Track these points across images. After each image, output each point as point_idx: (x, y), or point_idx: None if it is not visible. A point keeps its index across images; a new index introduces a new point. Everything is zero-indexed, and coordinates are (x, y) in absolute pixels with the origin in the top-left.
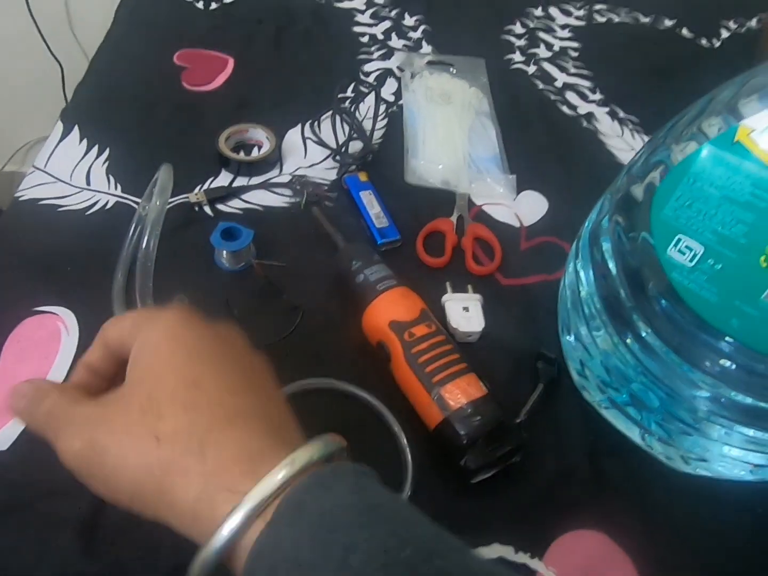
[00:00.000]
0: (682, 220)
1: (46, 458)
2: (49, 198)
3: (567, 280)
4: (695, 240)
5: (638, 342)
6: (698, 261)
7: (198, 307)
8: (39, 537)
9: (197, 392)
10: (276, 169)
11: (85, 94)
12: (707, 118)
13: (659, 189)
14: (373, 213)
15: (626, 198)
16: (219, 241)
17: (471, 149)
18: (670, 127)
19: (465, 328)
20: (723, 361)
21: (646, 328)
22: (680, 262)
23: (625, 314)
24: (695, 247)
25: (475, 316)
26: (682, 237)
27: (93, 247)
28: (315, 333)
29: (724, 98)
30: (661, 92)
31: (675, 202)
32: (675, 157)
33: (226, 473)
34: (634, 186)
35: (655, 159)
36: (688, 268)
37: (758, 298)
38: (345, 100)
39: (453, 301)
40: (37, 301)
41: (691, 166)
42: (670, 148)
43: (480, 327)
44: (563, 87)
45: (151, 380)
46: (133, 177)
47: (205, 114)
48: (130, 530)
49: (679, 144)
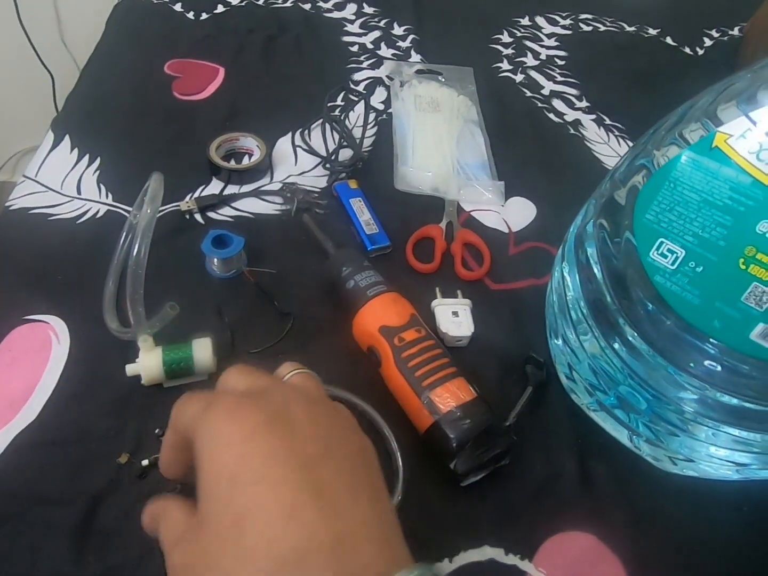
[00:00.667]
0: (664, 224)
1: (38, 466)
2: (40, 207)
3: (554, 284)
4: (676, 243)
5: (624, 345)
6: (680, 264)
7: (189, 314)
8: (31, 545)
9: (291, 511)
10: (267, 177)
11: (76, 104)
12: (687, 124)
13: (641, 193)
14: (363, 220)
15: (610, 202)
16: (210, 248)
17: (460, 156)
18: (652, 133)
19: (454, 333)
20: (708, 363)
21: (632, 332)
22: (663, 265)
23: (610, 318)
24: (677, 250)
25: (464, 320)
26: (663, 240)
27: (84, 255)
28: (306, 339)
29: (703, 104)
30: (646, 99)
31: (657, 206)
32: (657, 162)
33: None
34: (618, 191)
35: (638, 164)
36: (671, 270)
37: (738, 299)
38: (335, 109)
39: (442, 306)
40: (27, 310)
41: (671, 171)
42: (652, 153)
43: (469, 332)
44: (550, 94)
45: (225, 499)
46: (124, 186)
47: (196, 123)
48: (122, 537)
49: (660, 149)
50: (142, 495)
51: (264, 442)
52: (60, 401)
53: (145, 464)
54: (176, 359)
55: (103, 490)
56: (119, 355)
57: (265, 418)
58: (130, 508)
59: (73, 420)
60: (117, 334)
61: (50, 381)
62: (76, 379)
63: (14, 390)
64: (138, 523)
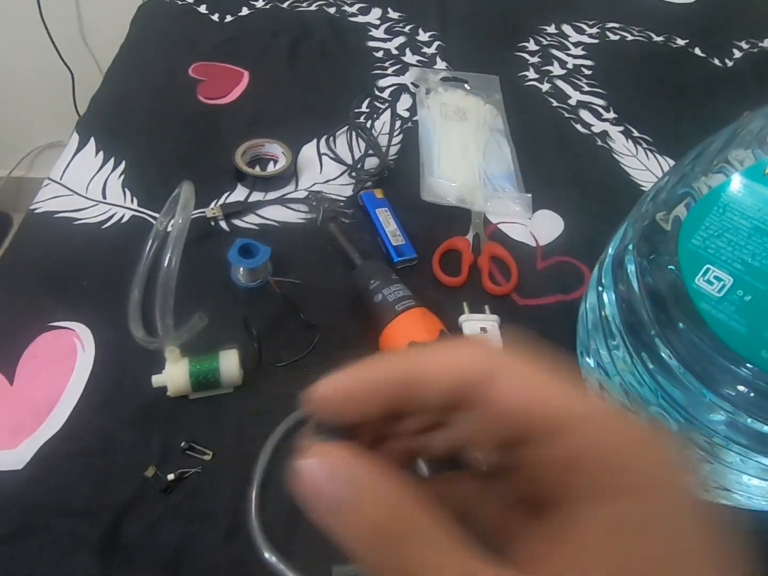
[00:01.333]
0: (711, 250)
1: (63, 477)
2: (65, 211)
3: (588, 303)
4: (724, 270)
5: (658, 365)
6: (727, 291)
7: (214, 324)
8: (56, 558)
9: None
10: (291, 184)
11: (100, 106)
12: (735, 149)
13: (688, 218)
14: (389, 230)
15: (652, 226)
16: (236, 257)
17: (486, 167)
18: (696, 156)
19: None
20: (741, 387)
21: (668, 352)
22: (708, 292)
23: (647, 338)
24: (724, 278)
25: (492, 337)
26: (710, 267)
27: (109, 261)
28: (332, 352)
29: (752, 130)
30: (675, 111)
31: (704, 232)
32: (702, 187)
33: None
34: (660, 214)
35: (683, 189)
36: (717, 298)
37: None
38: (360, 116)
39: (470, 322)
40: (52, 317)
41: (720, 196)
42: (698, 176)
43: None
44: (577, 105)
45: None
46: (149, 191)
47: (221, 127)
48: (149, 552)
49: (706, 174)
50: (168, 510)
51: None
52: (85, 411)
53: (171, 478)
54: (203, 371)
55: (128, 503)
56: (145, 365)
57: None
58: (155, 522)
59: (98, 431)
60: (143, 344)
61: (76, 390)
62: (102, 389)
63: (40, 399)
64: (163, 538)
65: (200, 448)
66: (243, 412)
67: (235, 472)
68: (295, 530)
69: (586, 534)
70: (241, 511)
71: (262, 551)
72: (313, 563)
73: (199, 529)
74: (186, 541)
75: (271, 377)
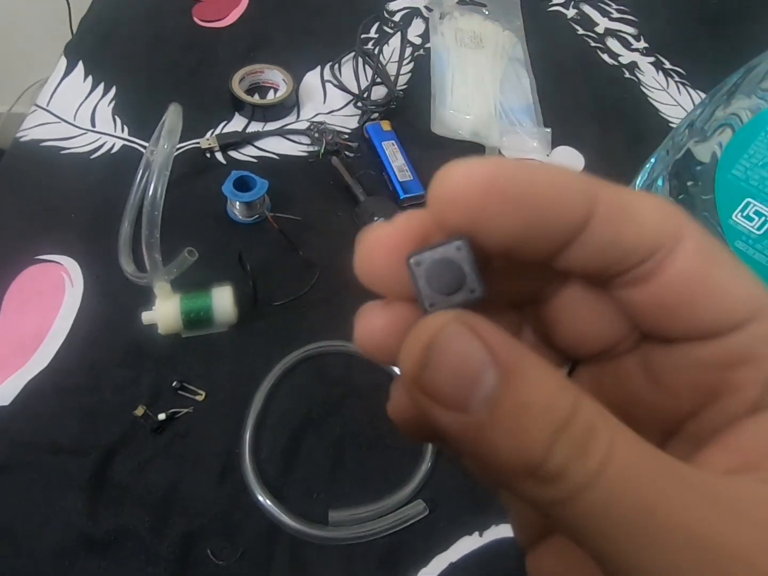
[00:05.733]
0: (754, 182)
1: (51, 414)
2: (52, 139)
3: None
4: (766, 205)
5: None
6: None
7: (209, 261)
8: (44, 497)
9: None
10: (293, 114)
11: (90, 28)
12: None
13: (728, 146)
14: (396, 165)
15: (685, 158)
16: (232, 191)
17: (503, 99)
18: (738, 80)
19: None
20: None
21: None
22: (747, 229)
23: None
24: (766, 213)
25: None
26: (751, 201)
27: (98, 193)
28: (332, 292)
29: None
30: (711, 41)
31: (746, 161)
32: (746, 113)
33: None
34: (696, 144)
35: (723, 115)
36: (756, 236)
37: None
38: (368, 42)
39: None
40: (39, 250)
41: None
42: (741, 102)
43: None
44: (605, 33)
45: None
46: (140, 118)
47: (217, 52)
48: (138, 492)
49: (750, 98)
50: (158, 450)
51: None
52: (74, 347)
53: (162, 418)
54: (195, 308)
55: (118, 442)
56: (136, 302)
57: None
58: (145, 462)
59: (87, 367)
60: (133, 279)
61: (64, 326)
62: (91, 325)
63: (26, 334)
64: (153, 478)
65: (193, 388)
66: (237, 352)
67: (229, 413)
68: (290, 474)
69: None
70: (234, 453)
71: (255, 494)
72: (308, 507)
73: (191, 470)
74: (176, 481)
75: (268, 317)
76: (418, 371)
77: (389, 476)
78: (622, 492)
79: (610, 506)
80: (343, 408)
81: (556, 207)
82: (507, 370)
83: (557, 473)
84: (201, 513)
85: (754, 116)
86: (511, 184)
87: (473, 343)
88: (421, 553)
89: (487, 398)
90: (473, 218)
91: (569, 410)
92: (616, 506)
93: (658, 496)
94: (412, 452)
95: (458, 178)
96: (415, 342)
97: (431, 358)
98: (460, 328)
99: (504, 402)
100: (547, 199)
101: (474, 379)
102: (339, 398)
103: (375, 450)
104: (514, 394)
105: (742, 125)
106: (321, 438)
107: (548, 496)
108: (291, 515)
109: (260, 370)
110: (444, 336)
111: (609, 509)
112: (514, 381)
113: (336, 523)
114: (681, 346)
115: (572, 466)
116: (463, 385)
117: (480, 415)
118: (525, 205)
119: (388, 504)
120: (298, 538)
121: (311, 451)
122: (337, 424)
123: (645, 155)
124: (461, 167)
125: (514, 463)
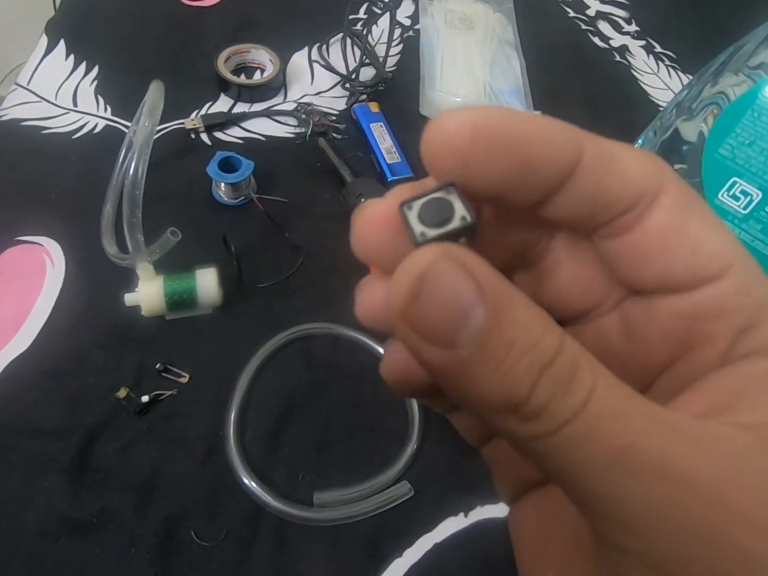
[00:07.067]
0: (740, 161)
1: (32, 397)
2: (33, 119)
3: None
4: (753, 184)
5: None
6: (754, 208)
7: (193, 242)
8: (25, 479)
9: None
10: (280, 95)
11: (72, 5)
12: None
13: (715, 125)
14: (383, 147)
15: (672, 138)
16: (216, 172)
17: (492, 81)
18: (725, 60)
19: None
20: None
21: None
22: (733, 209)
23: None
24: (752, 192)
25: None
26: (737, 180)
27: (80, 173)
28: (318, 275)
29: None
30: (702, 24)
31: (733, 140)
32: (733, 91)
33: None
34: (683, 122)
35: (710, 94)
36: (742, 215)
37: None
38: (357, 22)
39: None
40: (19, 231)
41: (756, 98)
42: (727, 81)
43: None
44: (596, 16)
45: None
46: (123, 98)
47: (203, 31)
48: (121, 474)
49: (738, 75)
50: (140, 432)
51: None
52: (55, 330)
53: (145, 400)
54: (178, 290)
55: (100, 425)
56: (118, 283)
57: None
58: (128, 445)
59: (68, 350)
60: (115, 261)
61: (45, 308)
62: (73, 307)
63: (5, 316)
64: (137, 461)
65: (176, 370)
66: (222, 335)
67: (213, 395)
68: (275, 456)
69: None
70: (218, 436)
71: (239, 476)
72: (293, 489)
73: (174, 452)
74: (160, 464)
75: (253, 299)
76: (409, 304)
77: (375, 458)
78: (602, 427)
79: (590, 441)
80: (329, 390)
81: (543, 154)
82: (495, 308)
83: (540, 409)
84: (185, 495)
85: (741, 94)
86: (500, 130)
87: (463, 279)
88: (406, 533)
89: (474, 334)
90: (463, 163)
91: (555, 349)
92: (596, 441)
93: (636, 432)
94: (397, 434)
95: (449, 124)
96: (407, 275)
97: (422, 291)
98: (451, 264)
99: (491, 339)
100: (535, 146)
101: (463, 315)
102: (325, 380)
103: (361, 432)
104: (502, 331)
105: (729, 103)
106: (306, 420)
107: (530, 432)
108: (276, 496)
109: (245, 353)
110: (435, 270)
111: (588, 443)
112: (502, 318)
113: (321, 505)
114: (657, 299)
115: (555, 402)
116: (452, 320)
117: (467, 351)
118: (513, 151)
119: (374, 485)
120: (283, 519)
121: (296, 433)
122: (323, 406)
123: (635, 139)
124: (453, 114)
125: (498, 400)
